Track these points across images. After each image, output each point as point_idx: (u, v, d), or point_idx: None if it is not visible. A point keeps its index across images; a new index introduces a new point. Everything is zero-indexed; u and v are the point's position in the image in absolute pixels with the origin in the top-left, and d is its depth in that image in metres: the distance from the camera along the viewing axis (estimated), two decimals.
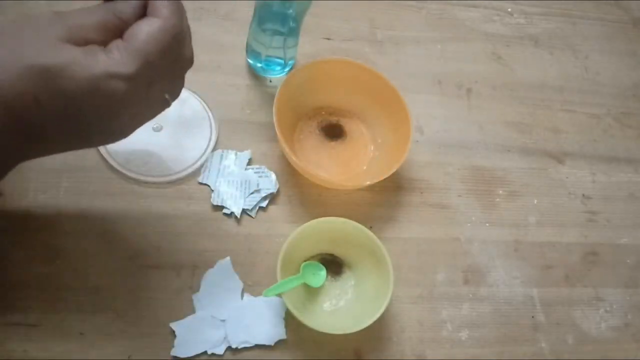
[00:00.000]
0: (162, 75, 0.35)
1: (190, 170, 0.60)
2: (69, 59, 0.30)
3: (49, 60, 0.30)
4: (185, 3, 0.61)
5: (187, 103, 0.64)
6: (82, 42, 0.32)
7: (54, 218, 0.56)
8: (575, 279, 0.66)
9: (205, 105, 0.64)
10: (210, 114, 0.64)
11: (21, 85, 0.30)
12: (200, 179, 0.61)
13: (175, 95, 0.40)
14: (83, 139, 0.35)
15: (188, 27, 0.37)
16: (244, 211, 0.60)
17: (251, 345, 0.53)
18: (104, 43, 0.33)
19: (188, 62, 0.39)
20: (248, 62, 0.68)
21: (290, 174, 0.63)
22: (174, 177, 0.60)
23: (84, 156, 0.59)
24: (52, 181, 0.57)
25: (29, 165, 0.57)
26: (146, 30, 0.33)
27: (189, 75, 0.64)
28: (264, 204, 0.61)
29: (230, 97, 0.66)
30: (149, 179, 0.59)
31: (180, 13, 0.35)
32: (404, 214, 0.65)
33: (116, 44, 0.32)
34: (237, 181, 0.61)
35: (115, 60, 0.31)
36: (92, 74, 0.31)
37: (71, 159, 0.59)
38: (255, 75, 0.69)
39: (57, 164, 0.58)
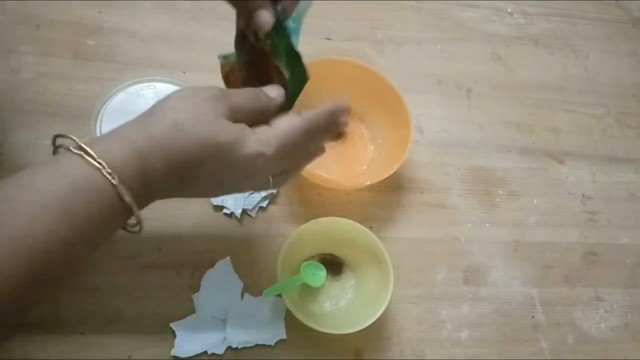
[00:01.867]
0: (281, 161, 0.42)
1: None
2: (232, 138, 0.38)
3: (218, 137, 0.37)
4: (185, 3, 0.61)
5: None
6: (237, 120, 0.39)
7: None
8: (575, 279, 0.66)
9: None
10: None
11: (194, 150, 0.37)
12: None
13: (281, 181, 0.45)
14: (214, 191, 0.43)
15: (331, 126, 0.44)
16: (244, 211, 0.60)
17: (251, 345, 0.53)
18: (249, 122, 0.40)
19: (313, 154, 0.45)
20: None
21: None
22: None
23: None
24: None
25: (29, 165, 0.57)
26: (288, 123, 0.41)
27: (190, 75, 0.64)
28: (264, 204, 0.61)
29: None
30: None
31: (318, 120, 0.42)
32: (404, 214, 0.65)
33: (263, 129, 0.40)
34: None
35: (262, 142, 0.39)
36: (248, 151, 0.38)
37: None
38: None
39: None
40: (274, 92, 0.43)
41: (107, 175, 0.34)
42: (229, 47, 0.47)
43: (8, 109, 0.60)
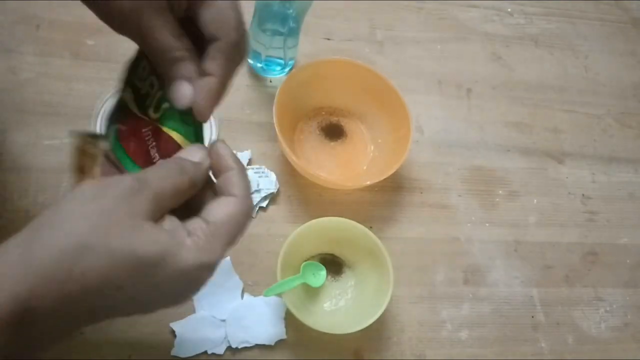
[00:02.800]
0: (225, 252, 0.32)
1: None
2: (160, 250, 0.28)
3: (140, 252, 0.28)
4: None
5: None
6: (163, 212, 0.30)
7: None
8: (575, 279, 0.66)
9: None
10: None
11: (105, 275, 0.27)
12: None
13: None
14: (145, 310, 0.32)
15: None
16: None
17: (251, 345, 0.53)
18: (176, 206, 0.31)
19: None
20: (248, 62, 0.68)
21: (290, 174, 0.63)
22: None
23: None
24: (52, 181, 0.57)
25: (29, 165, 0.58)
26: (226, 212, 0.31)
27: None
28: (264, 204, 0.61)
29: (230, 97, 0.65)
30: None
31: (249, 191, 0.33)
32: (404, 214, 0.65)
33: (199, 227, 0.30)
34: None
35: (203, 249, 0.30)
36: (184, 266, 0.29)
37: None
38: (255, 75, 0.69)
39: (57, 164, 0.58)
40: (198, 155, 0.33)
41: None
42: None
43: (8, 109, 0.60)
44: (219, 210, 0.32)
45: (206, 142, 0.37)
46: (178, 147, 0.36)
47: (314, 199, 0.63)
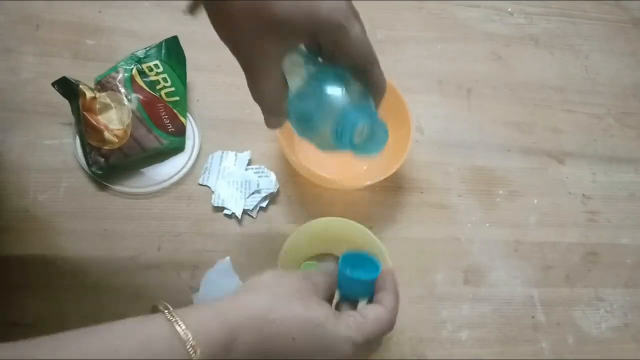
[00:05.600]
0: (364, 352, 0.42)
1: (173, 180, 0.60)
2: (323, 316, 0.39)
3: (311, 314, 0.38)
4: (185, 3, 0.61)
5: None
6: (317, 296, 0.41)
7: (54, 218, 0.56)
8: (575, 279, 0.66)
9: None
10: (190, 117, 0.64)
11: (287, 324, 0.37)
12: (200, 181, 0.61)
13: None
14: None
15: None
16: (244, 211, 0.60)
17: None
18: (324, 297, 0.42)
19: (379, 346, 0.45)
20: None
21: (290, 174, 0.63)
22: (155, 188, 0.59)
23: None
24: (52, 181, 0.57)
25: (29, 165, 0.58)
26: (376, 314, 0.41)
27: (189, 75, 0.64)
28: (264, 204, 0.61)
29: (231, 97, 0.66)
30: (126, 189, 0.59)
31: (397, 307, 0.43)
32: (404, 214, 0.65)
33: (352, 316, 0.40)
34: (237, 182, 0.61)
35: (353, 329, 0.39)
36: (338, 333, 0.39)
37: (71, 159, 0.59)
38: None
39: (57, 163, 0.58)
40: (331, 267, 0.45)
41: (189, 349, 0.34)
42: None
43: (8, 109, 0.60)
44: (371, 311, 0.42)
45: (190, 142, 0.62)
46: (180, 120, 0.61)
47: (314, 199, 0.63)
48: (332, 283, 0.43)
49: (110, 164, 0.57)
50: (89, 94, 0.57)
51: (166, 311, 0.35)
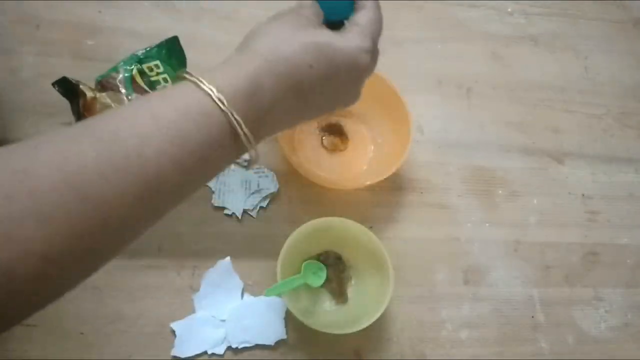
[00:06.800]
0: (373, 54, 0.44)
1: None
2: (330, 35, 0.40)
3: (319, 38, 0.39)
4: (185, 3, 0.61)
5: None
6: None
7: None
8: (575, 279, 0.66)
9: None
10: None
11: (300, 55, 0.38)
12: None
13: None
14: (331, 102, 0.43)
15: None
16: (244, 211, 0.60)
17: (251, 345, 0.53)
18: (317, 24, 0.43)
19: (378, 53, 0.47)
20: None
21: (290, 174, 0.63)
22: None
23: None
24: None
25: None
26: (366, 17, 0.43)
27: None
28: (264, 204, 0.61)
29: None
30: None
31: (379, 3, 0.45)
32: (404, 214, 0.65)
33: (349, 29, 0.42)
34: (237, 182, 0.61)
35: (359, 38, 0.41)
36: (351, 47, 0.40)
37: None
38: None
39: None
40: None
41: (216, 100, 0.34)
42: (230, 47, 0.46)
43: (8, 109, 0.60)
44: (361, 17, 0.43)
45: None
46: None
47: (314, 199, 0.63)
48: (320, 12, 0.43)
49: None
50: (89, 94, 0.57)
51: (193, 78, 0.35)
